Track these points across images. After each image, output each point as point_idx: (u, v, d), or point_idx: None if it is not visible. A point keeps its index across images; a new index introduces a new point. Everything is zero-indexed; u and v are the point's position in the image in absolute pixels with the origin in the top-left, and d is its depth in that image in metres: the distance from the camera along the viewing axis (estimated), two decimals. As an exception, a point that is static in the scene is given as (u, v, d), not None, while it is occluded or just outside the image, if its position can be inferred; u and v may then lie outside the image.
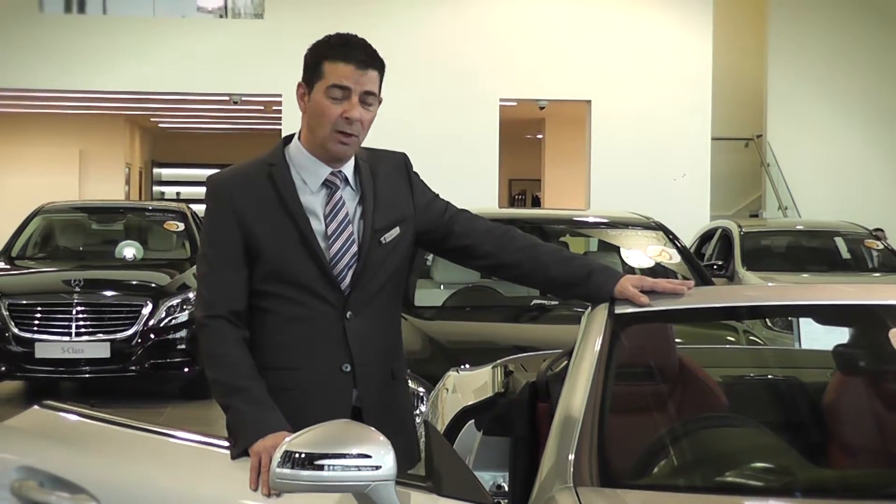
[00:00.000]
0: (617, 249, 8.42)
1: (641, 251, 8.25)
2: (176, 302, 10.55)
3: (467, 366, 5.15)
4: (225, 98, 18.14)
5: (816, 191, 18.90)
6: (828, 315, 3.73)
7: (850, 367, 3.60)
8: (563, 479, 2.71)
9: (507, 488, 3.91)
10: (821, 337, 4.52)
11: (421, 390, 5.66)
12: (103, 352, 10.24)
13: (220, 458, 2.97)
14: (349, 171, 3.33)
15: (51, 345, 10.20)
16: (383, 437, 2.60)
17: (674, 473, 2.96)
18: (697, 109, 17.54)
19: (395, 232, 3.33)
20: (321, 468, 2.54)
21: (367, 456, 2.54)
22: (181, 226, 12.56)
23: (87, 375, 10.42)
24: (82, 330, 10.26)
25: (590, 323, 3.27)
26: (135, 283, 11.08)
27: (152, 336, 10.38)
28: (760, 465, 2.98)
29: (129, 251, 12.15)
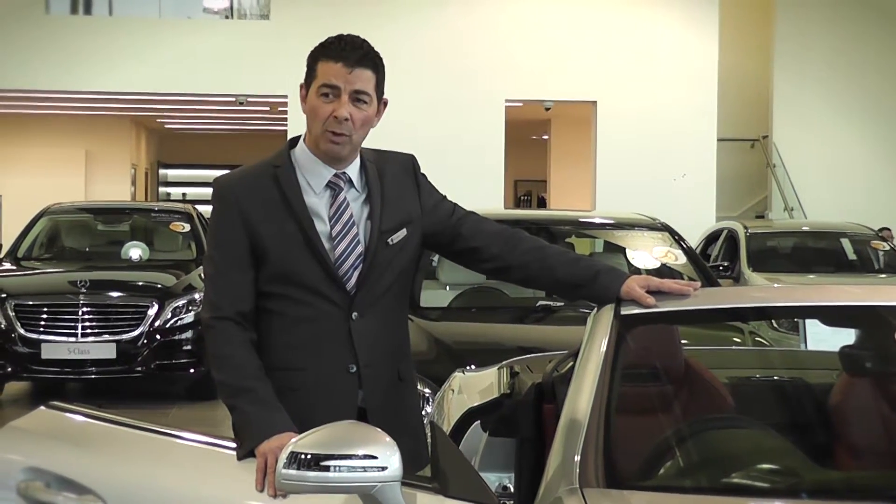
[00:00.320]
0: (623, 250, 8.41)
1: (647, 252, 8.25)
2: (182, 303, 10.56)
3: (473, 367, 5.16)
4: (230, 99, 18.16)
5: (822, 192, 18.88)
6: (834, 316, 3.73)
7: (857, 369, 3.59)
8: (568, 480, 2.71)
9: (512, 489, 3.92)
10: (827, 338, 4.52)
11: (427, 391, 5.66)
12: (109, 353, 10.25)
13: (226, 459, 2.97)
14: (354, 173, 3.33)
15: (57, 345, 10.21)
16: (389, 437, 2.60)
17: (680, 475, 2.96)
18: (703, 110, 17.53)
19: (402, 233, 3.33)
20: (327, 469, 2.54)
21: (373, 457, 2.54)
22: (187, 227, 12.56)
23: (93, 376, 10.44)
24: (88, 331, 10.27)
25: (596, 324, 3.26)
26: (141, 284, 11.09)
27: (158, 337, 10.39)
28: (766, 466, 2.99)
29: (135, 252, 12.16)
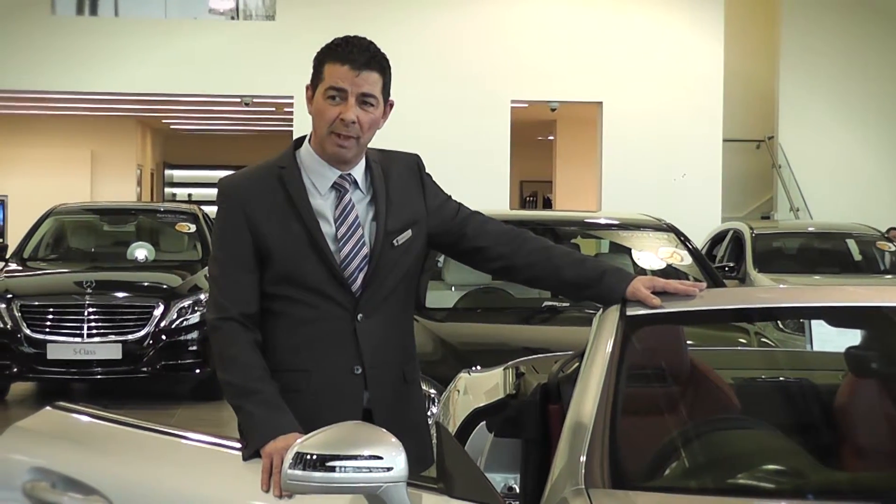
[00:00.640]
0: (628, 251, 8.41)
1: (653, 253, 8.25)
2: (187, 303, 10.57)
3: (478, 367, 5.15)
4: (236, 100, 18.16)
5: (828, 192, 18.86)
6: (840, 317, 3.73)
7: (862, 369, 3.59)
8: (574, 481, 2.71)
9: (518, 490, 3.92)
10: (832, 339, 4.52)
11: (432, 392, 5.66)
12: (115, 353, 10.27)
13: (232, 460, 2.97)
14: (359, 174, 3.33)
15: (63, 346, 10.22)
16: (395, 438, 2.60)
17: (685, 475, 2.96)
18: (709, 111, 17.52)
19: (408, 234, 3.32)
20: (333, 469, 2.54)
21: (378, 457, 2.54)
22: (193, 227, 12.57)
23: (98, 376, 10.45)
24: (94, 331, 10.29)
25: (601, 324, 3.26)
26: (146, 284, 11.10)
27: (164, 337, 10.40)
28: (772, 467, 2.98)
29: (141, 252, 12.18)
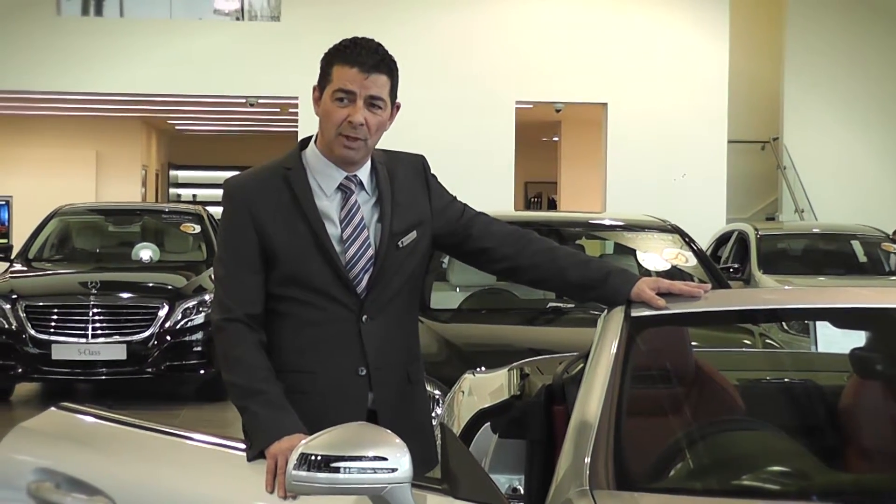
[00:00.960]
0: (633, 252, 8.41)
1: (657, 254, 8.24)
2: (192, 304, 10.57)
3: (483, 368, 5.15)
4: (241, 100, 18.16)
5: (833, 194, 18.82)
6: (844, 318, 3.73)
7: (867, 371, 3.59)
8: (579, 482, 2.71)
9: (522, 491, 3.92)
10: (837, 340, 4.52)
11: (437, 393, 5.65)
12: (120, 354, 10.27)
13: (236, 460, 2.98)
14: (365, 175, 3.33)
15: (67, 346, 10.23)
16: (399, 439, 2.60)
17: (690, 477, 2.96)
18: (714, 112, 17.49)
19: (413, 235, 3.32)
20: (337, 470, 2.54)
21: (383, 458, 2.54)
22: (197, 228, 12.57)
23: (103, 377, 10.46)
24: (99, 332, 10.29)
25: (606, 326, 3.26)
26: (151, 285, 11.11)
27: (168, 338, 10.41)
28: (777, 468, 2.98)
29: (146, 253, 12.18)
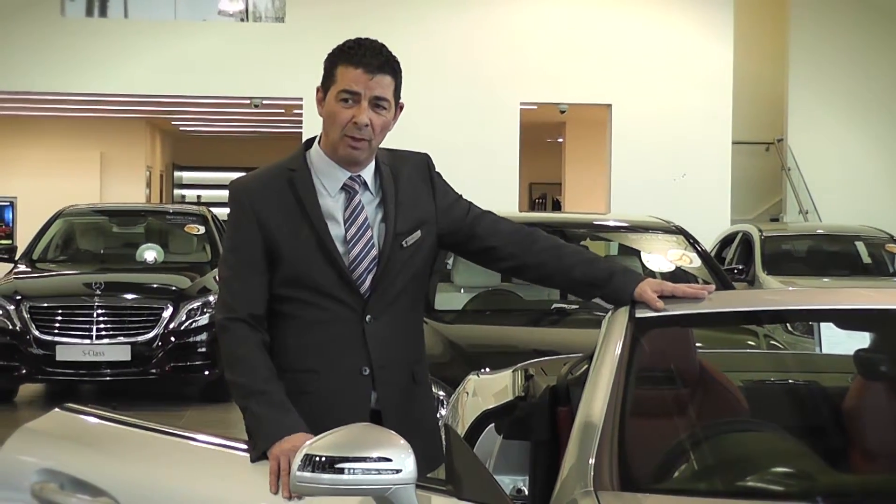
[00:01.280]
0: (637, 253, 8.40)
1: (662, 255, 8.24)
2: (196, 305, 10.57)
3: (487, 369, 5.15)
4: (246, 101, 18.15)
5: (837, 195, 18.81)
6: (849, 320, 3.72)
7: (871, 372, 3.58)
8: (583, 483, 2.71)
9: (527, 492, 3.91)
10: (842, 341, 4.51)
11: (441, 394, 5.65)
12: (124, 354, 10.28)
13: (240, 461, 2.98)
14: (369, 175, 3.33)
15: (72, 347, 10.23)
16: (403, 440, 2.60)
17: (694, 478, 2.96)
18: (718, 113, 17.48)
19: (417, 235, 3.33)
20: (342, 472, 2.54)
21: (387, 459, 2.54)
22: (202, 229, 12.55)
23: (107, 378, 10.46)
24: (103, 333, 10.29)
25: (610, 326, 3.26)
26: (155, 286, 11.11)
27: (173, 339, 10.41)
28: (781, 469, 2.98)
29: (150, 254, 12.19)
